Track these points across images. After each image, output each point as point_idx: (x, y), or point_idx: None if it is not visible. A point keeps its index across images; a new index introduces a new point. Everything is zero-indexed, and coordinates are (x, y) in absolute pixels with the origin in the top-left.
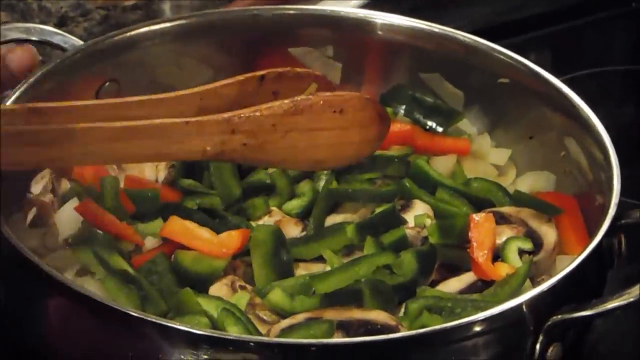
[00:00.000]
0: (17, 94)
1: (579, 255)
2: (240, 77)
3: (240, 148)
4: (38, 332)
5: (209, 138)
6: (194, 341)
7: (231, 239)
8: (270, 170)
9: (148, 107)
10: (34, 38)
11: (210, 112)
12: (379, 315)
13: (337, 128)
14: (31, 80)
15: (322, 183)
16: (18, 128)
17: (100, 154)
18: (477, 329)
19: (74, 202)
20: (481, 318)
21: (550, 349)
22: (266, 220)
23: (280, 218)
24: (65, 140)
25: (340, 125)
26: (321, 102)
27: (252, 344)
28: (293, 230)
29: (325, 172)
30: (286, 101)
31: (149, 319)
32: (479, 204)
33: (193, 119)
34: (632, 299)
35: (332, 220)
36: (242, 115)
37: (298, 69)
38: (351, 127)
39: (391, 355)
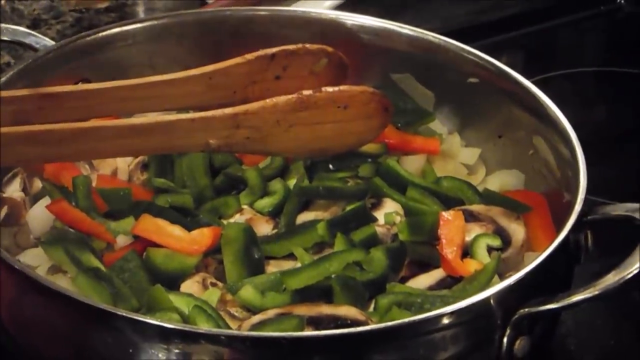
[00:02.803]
0: None
1: (546, 249)
2: (250, 56)
3: (243, 141)
4: (9, 328)
5: (213, 133)
6: (165, 335)
7: (202, 237)
8: (244, 167)
9: (159, 88)
10: (6, 38)
11: (220, 89)
12: (348, 311)
13: (341, 121)
14: (3, 79)
15: (293, 181)
16: (29, 129)
17: (107, 150)
18: (445, 322)
19: (45, 201)
20: (449, 311)
21: (518, 342)
22: (238, 219)
23: (251, 216)
24: (75, 139)
25: (344, 119)
26: (326, 98)
27: (223, 337)
28: (264, 228)
29: (297, 170)
30: (291, 97)
31: (120, 313)
32: (449, 203)
33: (198, 116)
34: (597, 292)
35: (303, 218)
36: (247, 111)
37: (309, 46)
38: (355, 119)
39: (360, 348)
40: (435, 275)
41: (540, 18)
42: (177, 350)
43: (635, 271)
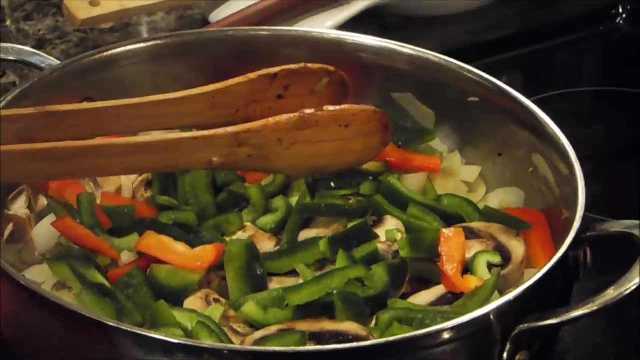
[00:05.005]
0: None
1: (545, 265)
2: (252, 75)
3: (245, 159)
4: (13, 344)
5: (216, 151)
6: (169, 350)
7: (206, 253)
8: (247, 184)
9: (162, 106)
10: (11, 58)
11: (223, 108)
12: (350, 326)
13: (342, 139)
14: (9, 98)
15: (295, 199)
16: (34, 146)
17: (111, 168)
18: (446, 337)
19: (50, 218)
20: (449, 326)
21: (517, 357)
22: (240, 236)
23: (254, 233)
24: (79, 156)
25: (345, 137)
26: (328, 116)
27: (226, 352)
28: (267, 245)
29: (299, 188)
30: (293, 116)
31: (124, 328)
32: (450, 220)
33: (201, 134)
34: (596, 308)
35: (305, 235)
36: (249, 129)
37: (310, 65)
38: (355, 137)
39: None
40: (436, 292)
41: (539, 38)
42: None
43: (634, 287)
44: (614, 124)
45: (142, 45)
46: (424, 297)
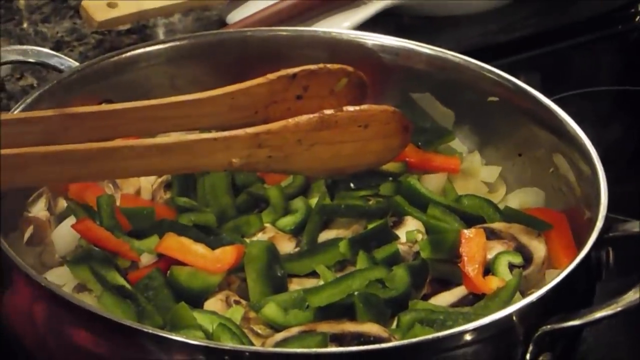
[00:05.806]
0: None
1: (568, 266)
2: (272, 76)
3: (265, 160)
4: (36, 346)
5: (235, 152)
6: (190, 352)
7: (226, 255)
8: (266, 186)
9: (181, 108)
10: (31, 60)
11: (242, 109)
12: (371, 328)
13: (361, 140)
14: (28, 100)
15: (315, 200)
16: (54, 149)
17: (131, 170)
18: (468, 338)
19: (70, 220)
20: (471, 328)
21: (541, 359)
22: (260, 237)
23: (274, 234)
24: (99, 158)
25: (364, 138)
26: (347, 117)
27: (247, 354)
28: (287, 246)
29: (318, 189)
30: (313, 116)
31: (146, 330)
32: (470, 220)
33: (221, 135)
34: (619, 309)
35: (325, 236)
36: (269, 130)
37: (329, 66)
38: (375, 138)
39: None
40: (457, 293)
41: (557, 38)
42: None
43: None
44: (634, 123)
45: (160, 46)
46: (445, 298)
